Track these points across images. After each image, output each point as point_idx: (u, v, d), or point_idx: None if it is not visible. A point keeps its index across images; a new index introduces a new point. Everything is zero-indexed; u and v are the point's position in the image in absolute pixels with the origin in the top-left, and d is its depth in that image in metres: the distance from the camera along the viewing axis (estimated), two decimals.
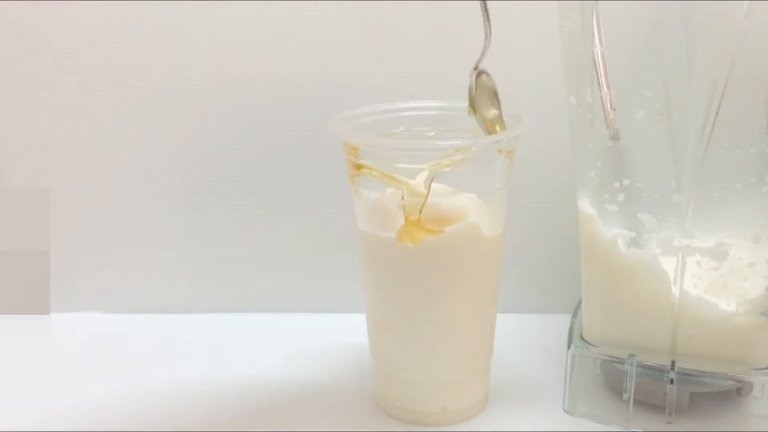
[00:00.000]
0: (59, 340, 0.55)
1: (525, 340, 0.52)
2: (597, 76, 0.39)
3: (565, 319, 0.47)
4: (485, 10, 0.41)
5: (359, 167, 0.41)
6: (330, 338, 0.54)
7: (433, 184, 0.39)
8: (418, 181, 0.39)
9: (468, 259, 0.41)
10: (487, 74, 0.42)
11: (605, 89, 0.39)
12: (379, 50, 0.53)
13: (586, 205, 0.42)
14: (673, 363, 0.41)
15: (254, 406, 0.46)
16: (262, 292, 0.58)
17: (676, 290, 0.40)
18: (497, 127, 0.42)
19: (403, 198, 0.40)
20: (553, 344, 0.50)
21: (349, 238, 0.46)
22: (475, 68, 0.41)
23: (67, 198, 0.57)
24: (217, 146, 0.55)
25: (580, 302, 0.46)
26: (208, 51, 0.53)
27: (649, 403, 0.42)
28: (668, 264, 0.40)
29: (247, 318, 0.58)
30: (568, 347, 0.44)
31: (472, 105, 0.42)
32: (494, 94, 0.43)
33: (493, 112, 0.42)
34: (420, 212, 0.39)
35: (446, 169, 0.39)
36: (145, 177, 0.56)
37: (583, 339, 0.44)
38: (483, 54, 0.41)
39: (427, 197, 0.39)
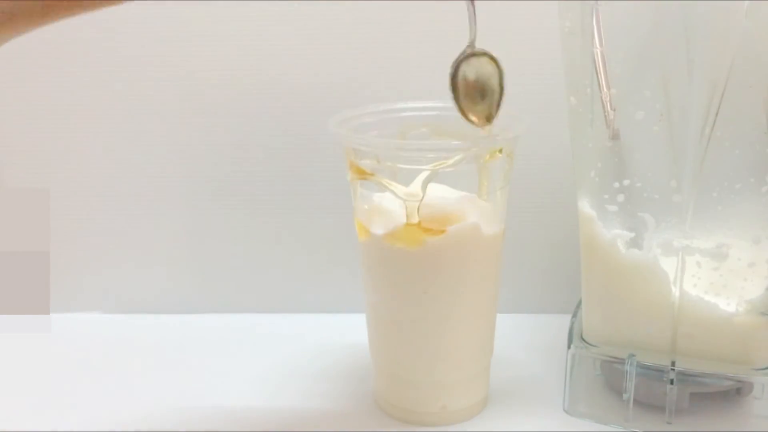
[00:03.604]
0: (59, 340, 0.55)
1: (525, 340, 0.52)
2: (597, 76, 0.39)
3: (565, 319, 0.47)
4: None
5: (358, 170, 0.41)
6: (330, 338, 0.54)
7: (433, 185, 0.39)
8: (416, 183, 0.39)
9: (468, 258, 0.41)
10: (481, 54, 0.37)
11: (605, 89, 0.39)
12: (379, 50, 0.53)
13: (586, 206, 0.42)
14: (673, 363, 0.41)
15: (254, 406, 0.46)
16: (262, 292, 0.58)
17: (676, 290, 0.40)
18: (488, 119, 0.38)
19: (406, 206, 0.40)
20: (553, 344, 0.50)
21: (349, 239, 0.46)
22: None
23: (67, 198, 0.57)
24: (217, 147, 0.55)
25: (580, 302, 0.46)
26: (209, 51, 0.53)
27: (649, 403, 0.42)
28: (668, 264, 0.40)
29: (247, 318, 0.58)
30: (568, 347, 0.44)
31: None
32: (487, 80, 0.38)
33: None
34: (418, 214, 0.39)
35: (447, 170, 0.39)
36: (145, 177, 0.56)
37: (583, 339, 0.44)
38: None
39: (422, 199, 0.39)
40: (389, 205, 0.41)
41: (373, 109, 0.44)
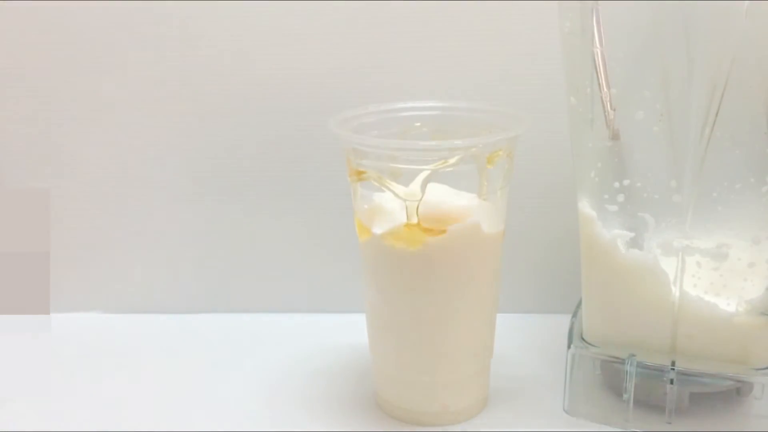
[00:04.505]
0: (59, 340, 0.55)
1: (525, 340, 0.52)
2: (597, 76, 0.39)
3: (565, 319, 0.47)
4: None
5: (357, 170, 0.41)
6: (330, 338, 0.54)
7: (433, 185, 0.39)
8: (416, 183, 0.39)
9: (468, 258, 0.41)
10: None
11: (605, 89, 0.39)
12: (379, 50, 0.53)
13: (585, 206, 0.42)
14: (673, 363, 0.41)
15: (254, 406, 0.46)
16: (263, 292, 0.58)
17: (676, 290, 0.40)
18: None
19: (407, 207, 0.40)
20: (553, 344, 0.50)
21: (349, 238, 0.46)
22: None
23: (67, 198, 0.57)
24: (217, 147, 0.55)
25: (580, 302, 0.46)
26: (209, 50, 0.53)
27: (649, 403, 0.42)
28: (668, 264, 0.40)
29: (247, 318, 0.58)
30: (568, 347, 0.44)
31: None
32: None
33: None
34: (417, 214, 0.39)
35: (447, 170, 0.39)
36: (145, 177, 0.56)
37: (583, 339, 0.44)
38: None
39: (421, 199, 0.39)
40: (389, 205, 0.41)
41: (373, 109, 0.44)
